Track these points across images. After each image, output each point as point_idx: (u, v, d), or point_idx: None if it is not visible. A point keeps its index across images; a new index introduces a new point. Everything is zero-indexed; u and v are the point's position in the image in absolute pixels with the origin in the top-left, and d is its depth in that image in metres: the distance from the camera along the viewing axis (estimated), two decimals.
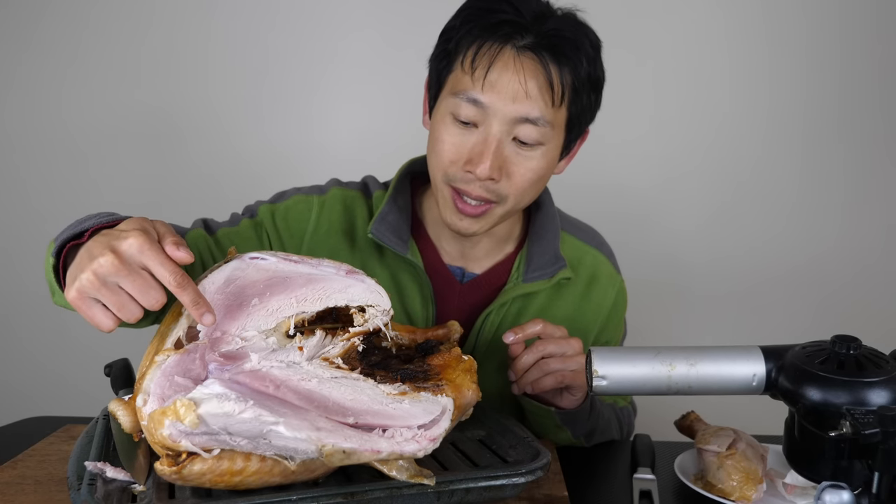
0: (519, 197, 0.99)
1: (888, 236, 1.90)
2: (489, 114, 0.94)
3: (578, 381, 0.97)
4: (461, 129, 0.96)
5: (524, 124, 0.94)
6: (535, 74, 0.93)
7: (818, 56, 1.86)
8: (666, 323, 1.93)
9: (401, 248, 1.05)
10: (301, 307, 0.80)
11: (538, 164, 0.97)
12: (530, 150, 0.96)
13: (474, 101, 0.94)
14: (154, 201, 1.95)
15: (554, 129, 0.96)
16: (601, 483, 0.97)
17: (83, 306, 0.72)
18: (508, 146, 0.96)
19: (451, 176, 0.98)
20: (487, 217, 1.00)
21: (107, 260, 0.70)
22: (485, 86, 0.93)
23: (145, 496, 0.73)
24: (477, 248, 1.11)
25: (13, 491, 0.84)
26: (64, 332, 2.02)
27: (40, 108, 1.97)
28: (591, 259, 1.15)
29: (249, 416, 0.65)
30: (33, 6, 1.93)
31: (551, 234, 1.11)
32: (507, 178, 0.97)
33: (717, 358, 0.76)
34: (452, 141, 0.96)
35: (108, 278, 0.71)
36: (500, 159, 0.95)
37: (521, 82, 0.92)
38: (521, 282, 1.08)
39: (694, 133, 1.90)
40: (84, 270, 0.71)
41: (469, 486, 0.76)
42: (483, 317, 1.08)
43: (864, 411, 0.65)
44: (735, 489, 0.87)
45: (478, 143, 0.95)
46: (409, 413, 0.74)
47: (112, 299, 0.71)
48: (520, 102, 0.93)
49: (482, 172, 0.94)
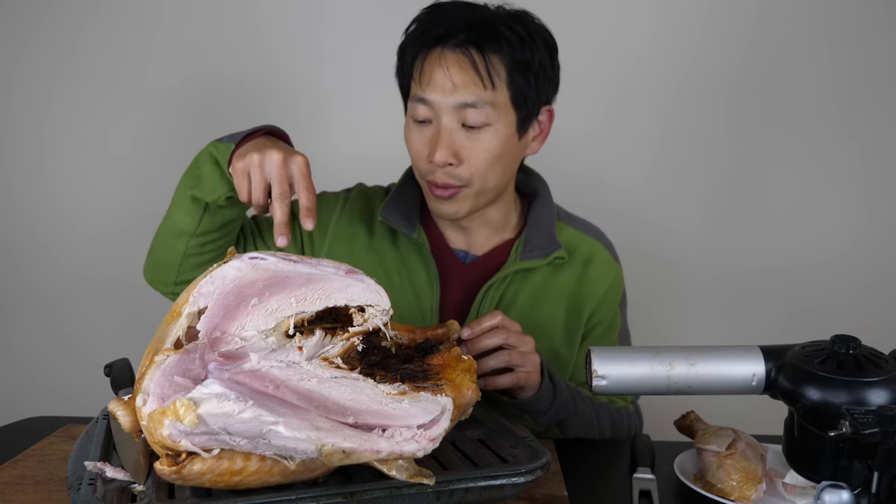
0: (482, 177, 1.09)
1: (888, 236, 1.89)
2: (435, 108, 1.07)
3: (532, 382, 1.00)
4: (420, 128, 1.10)
5: (466, 109, 1.06)
6: (460, 66, 1.06)
7: (819, 53, 1.86)
8: (666, 323, 1.93)
9: (408, 228, 1.17)
10: (300, 307, 0.80)
11: (490, 144, 1.08)
12: (478, 132, 1.07)
13: (422, 100, 1.08)
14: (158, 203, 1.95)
15: (497, 110, 1.07)
16: (601, 483, 0.97)
17: (240, 175, 0.94)
18: (459, 134, 1.07)
19: (422, 170, 1.11)
20: (460, 198, 1.11)
21: (277, 157, 0.92)
22: (426, 86, 1.07)
23: (145, 496, 0.73)
24: (478, 235, 1.20)
25: (13, 491, 0.84)
26: (64, 332, 2.02)
27: (40, 108, 1.97)
28: (587, 246, 1.22)
29: (249, 416, 0.65)
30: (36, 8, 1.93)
31: (546, 220, 1.20)
32: (465, 162, 1.08)
33: (716, 358, 0.76)
34: (416, 139, 1.11)
35: (267, 167, 0.92)
36: (452, 147, 1.07)
37: (447, 75, 1.06)
38: (519, 260, 1.16)
39: (694, 133, 1.90)
40: (255, 153, 0.92)
41: (469, 485, 0.76)
42: (484, 290, 1.16)
43: (863, 411, 0.65)
44: (735, 489, 0.87)
45: (433, 136, 1.08)
46: (408, 413, 0.74)
47: (258, 181, 0.93)
48: (455, 92, 1.05)
49: (439, 159, 1.06)
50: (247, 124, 1.99)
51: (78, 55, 1.94)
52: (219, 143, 1.02)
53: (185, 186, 1.06)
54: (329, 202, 1.23)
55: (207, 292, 0.77)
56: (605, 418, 1.14)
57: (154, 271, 1.15)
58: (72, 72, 1.95)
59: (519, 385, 0.99)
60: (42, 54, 1.95)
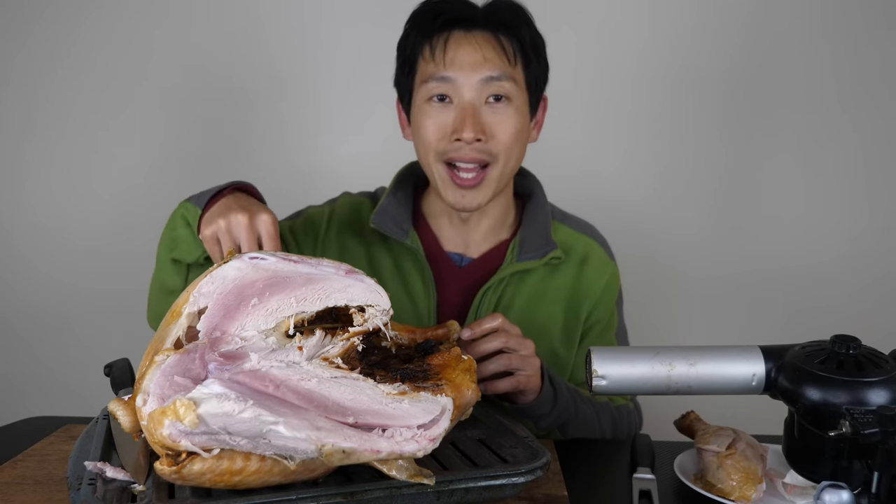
0: (507, 153, 1.09)
1: (887, 236, 1.89)
2: (458, 86, 1.07)
3: (532, 385, 0.99)
4: (439, 108, 1.09)
5: (490, 84, 1.07)
6: (487, 42, 1.08)
7: (816, 54, 1.86)
8: (665, 323, 1.93)
9: (400, 235, 1.16)
10: (301, 307, 0.80)
11: (515, 121, 1.09)
12: (504, 106, 1.08)
13: (442, 77, 1.07)
14: None
15: (517, 86, 1.09)
16: (601, 483, 0.97)
17: (209, 242, 0.94)
18: (484, 110, 1.08)
19: (441, 150, 1.09)
20: (486, 184, 1.10)
21: (243, 220, 0.91)
22: (447, 63, 1.07)
23: (145, 496, 0.73)
24: (477, 231, 1.19)
25: (13, 491, 0.84)
26: (64, 332, 2.02)
27: (37, 109, 1.97)
28: (583, 245, 1.22)
29: (249, 416, 0.65)
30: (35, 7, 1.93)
31: (541, 219, 1.19)
32: (493, 138, 1.08)
33: (716, 358, 0.76)
34: (434, 120, 1.09)
35: (235, 232, 0.92)
36: (479, 122, 1.07)
37: (478, 50, 1.07)
38: (515, 262, 1.16)
39: (693, 134, 1.91)
40: (221, 219, 0.92)
41: (469, 485, 0.76)
42: (481, 293, 1.15)
43: (863, 411, 0.65)
44: (735, 489, 0.87)
45: (457, 114, 1.07)
46: (408, 413, 0.74)
47: (227, 246, 0.92)
48: (480, 67, 1.06)
49: (468, 136, 1.05)
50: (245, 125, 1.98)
51: (73, 56, 1.94)
52: (188, 203, 1.01)
53: (164, 248, 1.06)
54: (314, 217, 1.22)
55: (207, 292, 0.77)
56: (605, 418, 1.14)
57: (156, 322, 1.14)
58: (70, 68, 1.95)
59: (519, 389, 0.99)
60: (40, 53, 1.95)
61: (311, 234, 1.20)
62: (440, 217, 1.20)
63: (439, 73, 1.07)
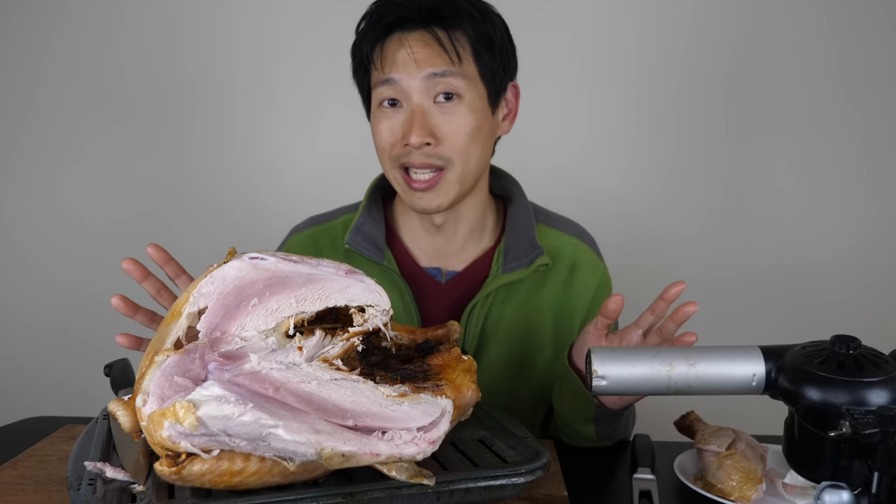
0: (463, 156, 1.06)
1: (888, 236, 1.89)
2: (403, 87, 1.04)
3: None
4: (390, 113, 1.06)
5: (435, 81, 1.03)
6: (423, 42, 1.04)
7: (818, 53, 1.86)
8: None
9: (377, 256, 1.14)
10: (300, 307, 0.79)
11: (467, 118, 1.05)
12: (455, 105, 1.04)
13: (387, 81, 1.05)
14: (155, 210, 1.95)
15: (468, 81, 1.05)
16: (601, 483, 0.97)
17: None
18: (433, 112, 1.04)
19: (395, 155, 1.07)
20: (442, 186, 1.06)
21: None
22: (389, 65, 1.05)
23: (145, 496, 0.73)
24: (453, 242, 1.16)
25: (13, 491, 0.84)
26: (64, 332, 2.02)
27: (35, 108, 1.97)
28: (570, 248, 1.18)
29: (249, 419, 0.65)
30: None
31: (525, 224, 1.16)
32: (443, 141, 1.05)
33: (716, 358, 0.76)
34: (386, 125, 1.07)
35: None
36: (427, 126, 1.04)
37: (420, 48, 1.03)
38: (502, 273, 1.13)
39: (693, 133, 1.90)
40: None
41: (469, 486, 0.76)
42: (468, 310, 1.12)
43: (863, 411, 0.65)
44: (735, 489, 0.87)
45: (406, 118, 1.05)
46: (408, 415, 0.74)
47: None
48: (422, 65, 1.03)
49: (415, 140, 1.03)
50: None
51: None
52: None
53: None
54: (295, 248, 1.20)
55: (207, 292, 0.77)
56: (631, 418, 1.13)
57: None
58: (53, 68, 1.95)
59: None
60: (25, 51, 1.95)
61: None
62: (414, 229, 1.18)
63: (384, 77, 1.05)
